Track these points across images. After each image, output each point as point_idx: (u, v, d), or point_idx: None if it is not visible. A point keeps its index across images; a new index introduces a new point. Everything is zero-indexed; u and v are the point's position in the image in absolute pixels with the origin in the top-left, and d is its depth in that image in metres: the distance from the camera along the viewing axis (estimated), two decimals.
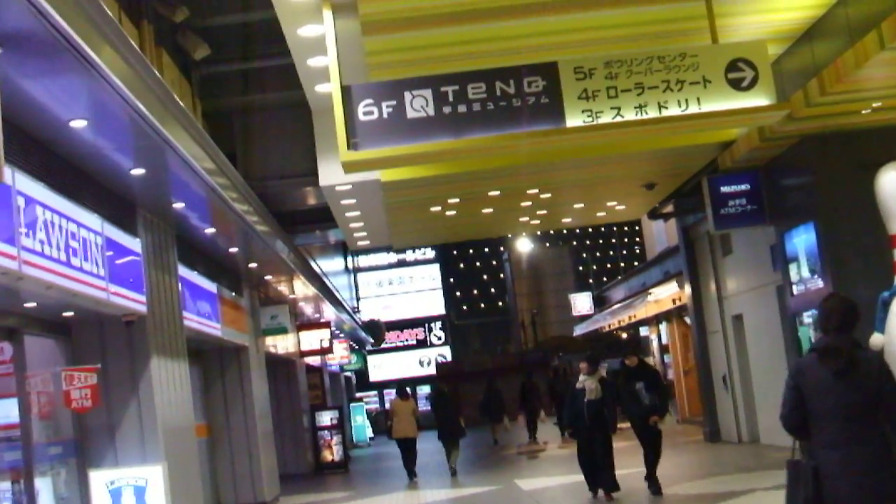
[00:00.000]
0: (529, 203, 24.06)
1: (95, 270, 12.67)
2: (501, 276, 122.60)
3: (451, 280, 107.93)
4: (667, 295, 32.40)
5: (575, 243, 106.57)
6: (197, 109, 19.59)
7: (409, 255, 79.14)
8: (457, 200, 22.75)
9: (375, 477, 31.23)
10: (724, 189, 21.89)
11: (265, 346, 26.74)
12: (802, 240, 20.36)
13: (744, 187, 21.86)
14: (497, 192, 22.44)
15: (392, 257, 78.78)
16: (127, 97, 10.60)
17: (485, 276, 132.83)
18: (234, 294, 23.26)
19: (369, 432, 51.28)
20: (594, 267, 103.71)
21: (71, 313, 13.97)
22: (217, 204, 16.54)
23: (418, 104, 14.07)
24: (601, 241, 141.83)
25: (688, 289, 29.15)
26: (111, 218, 13.99)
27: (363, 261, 76.85)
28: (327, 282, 33.57)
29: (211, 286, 20.48)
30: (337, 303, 37.08)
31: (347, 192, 20.57)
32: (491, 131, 14.05)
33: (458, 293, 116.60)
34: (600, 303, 48.30)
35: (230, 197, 16.82)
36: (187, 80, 19.27)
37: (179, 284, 17.49)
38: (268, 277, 25.00)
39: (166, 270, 16.74)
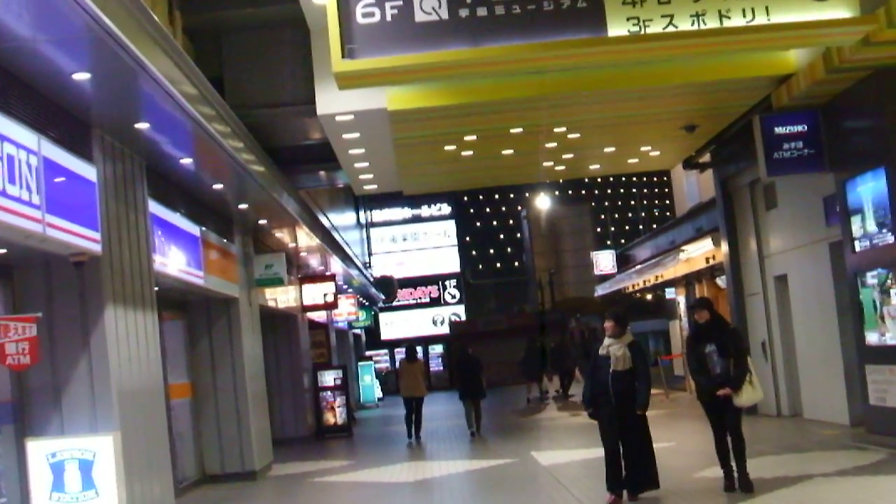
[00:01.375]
0: (555, 144, 21.51)
1: (25, 196, 10.23)
2: (518, 235, 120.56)
3: (467, 238, 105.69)
4: (699, 253, 29.86)
5: (594, 203, 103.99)
6: (176, 23, 17.07)
7: (424, 211, 77.03)
8: (474, 138, 20.19)
9: (380, 443, 28.91)
10: (779, 130, 19.22)
11: (259, 298, 24.36)
12: (869, 189, 17.76)
13: (800, 128, 19.17)
14: (519, 130, 19.89)
15: (406, 212, 76.72)
16: None
17: (501, 236, 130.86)
18: (223, 240, 20.88)
19: (378, 393, 49.16)
20: (612, 228, 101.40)
21: (3, 250, 11.52)
22: (204, 140, 14.23)
23: (429, 5, 11.75)
24: (622, 200, 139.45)
25: (724, 246, 26.66)
26: (58, 138, 11.57)
27: (376, 216, 74.63)
28: (333, 231, 31.11)
29: (192, 228, 18.07)
30: (344, 255, 34.70)
31: (349, 124, 18.08)
32: (515, 39, 11.67)
33: (473, 252, 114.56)
34: (624, 262, 45.81)
35: (217, 130, 14.46)
36: None
37: (149, 223, 15.06)
38: (262, 222, 22.56)
39: (131, 205, 14.32)
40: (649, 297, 43.74)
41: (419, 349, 45.82)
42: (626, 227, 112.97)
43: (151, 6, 14.69)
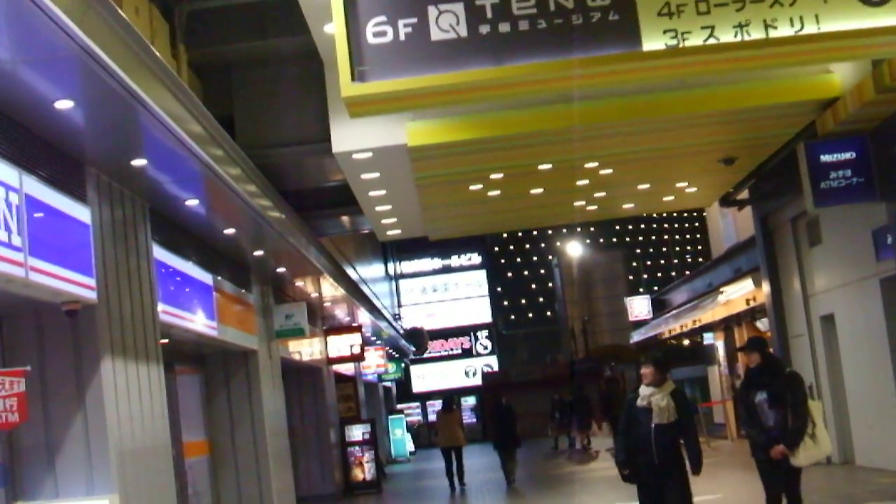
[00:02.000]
0: (586, 182, 20.44)
1: (4, 237, 9.21)
2: (549, 284, 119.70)
3: (498, 289, 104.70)
4: (739, 295, 28.69)
5: (626, 248, 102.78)
6: (181, 57, 16.09)
7: (454, 261, 76.23)
8: (500, 176, 19.13)
9: (412, 499, 27.79)
10: (825, 158, 17.97)
11: (280, 351, 23.33)
12: None
13: (849, 155, 17.91)
14: (548, 166, 18.81)
15: (436, 262, 76.00)
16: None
17: (533, 285, 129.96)
18: (239, 289, 19.89)
19: (410, 446, 48.03)
20: (645, 276, 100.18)
21: None
22: (212, 181, 13.30)
23: (446, 22, 10.68)
24: (654, 246, 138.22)
25: (766, 287, 25.51)
26: (47, 176, 10.60)
27: (406, 267, 73.81)
28: (360, 283, 30.11)
29: (204, 276, 17.04)
30: (371, 306, 33.70)
31: (367, 162, 17.05)
32: (541, 57, 10.61)
33: (504, 302, 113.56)
34: (659, 307, 44.64)
35: (227, 172, 13.50)
36: (168, 21, 15.75)
37: (153, 269, 14.05)
38: (281, 270, 21.55)
39: (132, 250, 13.29)
40: (686, 342, 42.45)
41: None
42: (659, 273, 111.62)
43: (150, 38, 13.81)
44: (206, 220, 15.80)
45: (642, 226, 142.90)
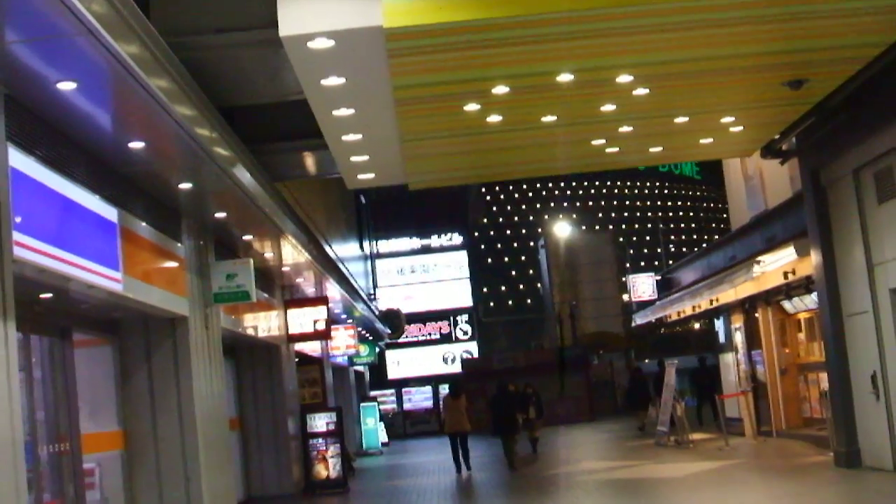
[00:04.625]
0: (613, 108, 15.81)
1: None
2: (531, 271, 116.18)
3: (479, 275, 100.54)
4: (776, 267, 24.16)
5: (612, 226, 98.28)
6: None
7: (434, 241, 72.38)
8: (505, 91, 14.37)
9: (382, 501, 23.38)
10: None
11: (223, 321, 18.86)
12: None
13: None
14: (569, 77, 14.14)
15: (415, 242, 72.32)
16: None
17: (513, 272, 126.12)
18: (164, 236, 15.42)
19: (383, 437, 43.71)
20: (639, 261, 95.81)
21: None
22: (99, 57, 9.13)
23: None
24: (647, 226, 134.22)
25: (815, 255, 21.09)
26: None
27: (382, 246, 69.66)
28: (324, 243, 25.62)
29: (103, 209, 12.53)
30: (341, 276, 29.25)
31: (328, 56, 12.37)
32: None
33: (484, 289, 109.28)
34: (666, 287, 40.22)
35: (126, 51, 9.22)
36: None
37: (6, 180, 9.55)
38: (220, 216, 17.04)
39: None
40: (697, 326, 38.26)
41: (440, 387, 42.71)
42: (652, 259, 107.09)
43: None
44: (97, 123, 11.31)
45: (636, 206, 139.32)
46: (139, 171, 13.49)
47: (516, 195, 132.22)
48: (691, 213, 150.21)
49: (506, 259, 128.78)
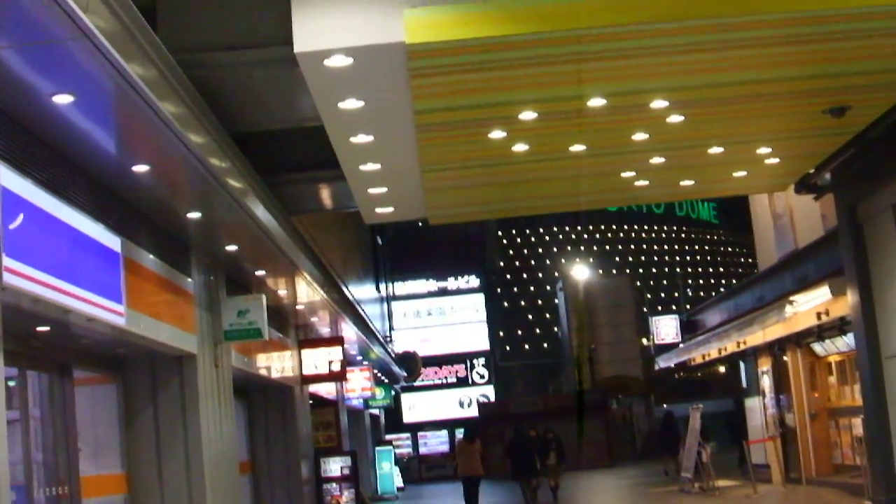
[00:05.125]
0: (646, 137, 15.06)
1: None
2: (547, 315, 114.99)
3: (496, 318, 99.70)
4: (809, 307, 23.24)
5: (629, 270, 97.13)
6: None
7: (451, 283, 71.53)
8: (532, 116, 13.68)
9: None
10: None
11: (234, 360, 18.04)
12: None
13: None
14: (601, 102, 13.38)
15: (432, 284, 71.46)
16: None
17: (530, 316, 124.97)
18: (172, 269, 14.64)
19: (398, 481, 42.80)
20: (657, 305, 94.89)
21: None
22: (101, 73, 8.40)
23: None
24: (664, 270, 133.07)
25: (852, 295, 20.23)
26: None
27: (399, 289, 68.86)
28: (339, 282, 24.81)
29: (106, 237, 11.72)
30: (357, 316, 28.43)
31: (346, 75, 11.59)
32: None
33: (500, 333, 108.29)
34: (690, 329, 39.27)
35: (135, 71, 8.54)
36: None
37: None
38: (231, 249, 16.24)
39: None
40: (722, 369, 37.32)
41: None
42: (669, 304, 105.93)
43: None
44: (97, 143, 10.55)
45: (654, 249, 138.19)
46: (144, 197, 12.71)
47: (533, 238, 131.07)
48: (709, 258, 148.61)
49: (522, 303, 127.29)
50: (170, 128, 10.28)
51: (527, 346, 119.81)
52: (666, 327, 42.01)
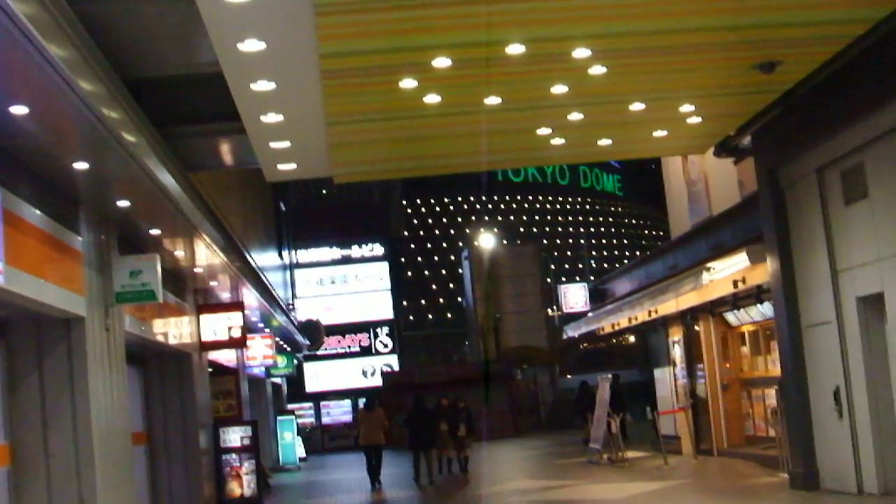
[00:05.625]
0: (564, 90, 14.22)
1: None
2: (451, 285, 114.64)
3: (400, 288, 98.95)
4: (725, 275, 22.62)
5: (535, 241, 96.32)
6: None
7: (355, 251, 70.44)
8: (446, 64, 12.74)
9: None
10: None
11: (128, 324, 17.00)
12: None
13: None
14: (520, 49, 12.48)
15: (335, 252, 70.27)
16: None
17: (433, 286, 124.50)
18: (59, 226, 13.58)
19: (301, 451, 41.98)
20: (560, 276, 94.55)
21: None
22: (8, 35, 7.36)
23: None
24: (568, 241, 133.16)
25: (772, 262, 19.64)
26: None
27: (302, 256, 67.74)
28: (240, 246, 23.76)
29: None
30: (258, 281, 27.39)
31: (246, 8, 10.57)
32: None
33: (404, 303, 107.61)
34: (599, 298, 38.63)
35: (32, 24, 7.61)
36: None
37: None
38: (123, 205, 15.17)
39: None
40: (632, 339, 36.81)
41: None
42: (575, 276, 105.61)
43: None
44: None
45: (559, 220, 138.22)
46: (28, 147, 11.64)
47: (438, 208, 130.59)
48: (613, 230, 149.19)
49: (426, 272, 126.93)
50: (58, 72, 9.29)
51: (430, 317, 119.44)
52: (574, 295, 41.50)
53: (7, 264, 11.05)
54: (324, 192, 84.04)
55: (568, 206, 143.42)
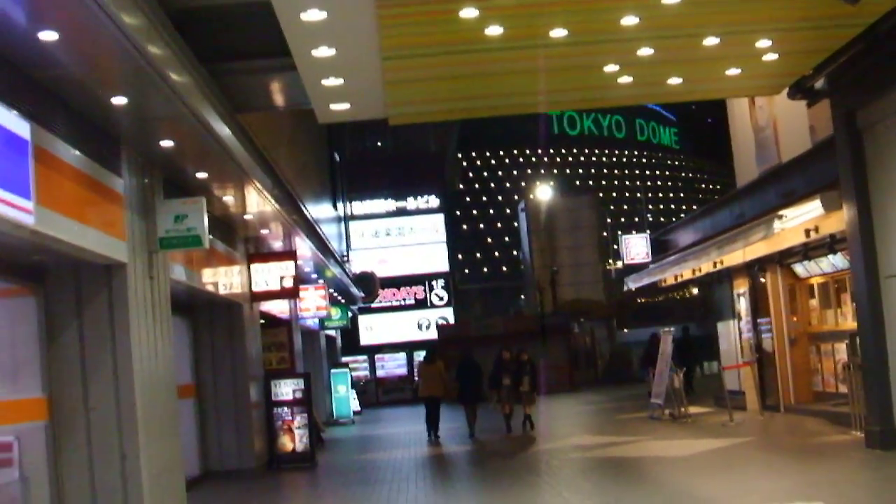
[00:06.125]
0: (636, 20, 13.25)
1: None
2: (507, 238, 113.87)
3: (455, 241, 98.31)
4: (797, 223, 21.57)
5: (591, 194, 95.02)
6: None
7: (410, 203, 69.64)
8: None
9: (354, 480, 20.86)
10: None
11: (173, 271, 16.31)
12: None
13: None
14: None
15: (391, 204, 69.38)
16: None
17: (489, 239, 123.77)
18: (97, 165, 12.85)
19: (355, 405, 41.47)
20: (609, 223, 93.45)
21: None
22: None
23: None
24: (625, 195, 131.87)
25: (848, 210, 18.63)
26: None
27: (357, 208, 67.06)
28: (291, 192, 22.99)
29: (9, 120, 9.86)
30: (312, 230, 26.67)
31: None
32: None
33: (459, 256, 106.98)
34: (662, 249, 37.57)
35: None
36: None
37: None
38: (167, 144, 14.41)
39: None
40: (696, 291, 35.82)
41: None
42: (631, 230, 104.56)
43: None
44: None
45: (615, 174, 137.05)
46: (59, 76, 10.89)
47: (493, 161, 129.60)
48: (669, 183, 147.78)
49: (481, 226, 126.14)
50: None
51: (485, 270, 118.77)
52: (636, 246, 40.40)
53: (40, 205, 10.31)
54: (378, 143, 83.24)
55: (624, 160, 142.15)
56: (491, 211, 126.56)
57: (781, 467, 17.45)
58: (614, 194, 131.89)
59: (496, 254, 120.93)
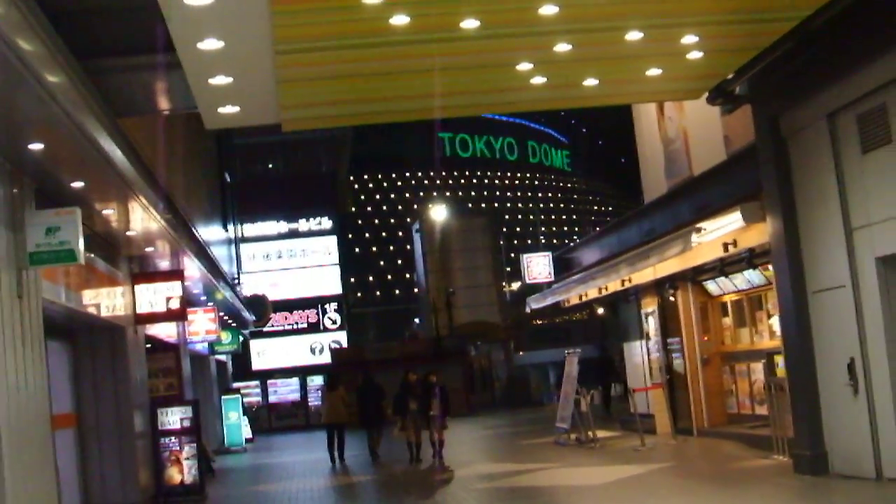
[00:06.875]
0: (555, 9, 11.84)
1: None
2: (399, 261, 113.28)
3: (348, 264, 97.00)
4: (715, 237, 20.52)
5: (489, 214, 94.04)
6: None
7: (303, 225, 68.44)
8: None
9: None
10: None
11: (45, 290, 14.78)
12: None
13: None
14: None
15: (282, 226, 68.69)
16: None
17: (381, 262, 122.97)
18: None
19: (247, 432, 39.90)
20: (502, 245, 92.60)
21: None
22: None
23: None
24: (518, 217, 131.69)
25: (773, 221, 17.65)
26: None
27: (248, 230, 65.74)
28: (178, 208, 21.52)
29: None
30: (200, 249, 25.20)
31: None
32: None
33: (351, 279, 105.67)
34: (565, 268, 36.59)
35: None
36: None
37: None
38: (35, 147, 12.90)
39: None
40: (601, 311, 34.93)
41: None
42: (527, 251, 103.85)
43: None
44: None
45: (507, 196, 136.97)
46: None
47: (385, 183, 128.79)
48: (562, 205, 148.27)
49: (374, 248, 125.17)
50: None
51: (378, 293, 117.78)
52: (538, 266, 39.33)
53: None
54: (270, 165, 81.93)
55: (517, 182, 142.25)
56: (383, 233, 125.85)
57: (707, 495, 16.41)
58: (507, 216, 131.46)
59: (389, 277, 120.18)
